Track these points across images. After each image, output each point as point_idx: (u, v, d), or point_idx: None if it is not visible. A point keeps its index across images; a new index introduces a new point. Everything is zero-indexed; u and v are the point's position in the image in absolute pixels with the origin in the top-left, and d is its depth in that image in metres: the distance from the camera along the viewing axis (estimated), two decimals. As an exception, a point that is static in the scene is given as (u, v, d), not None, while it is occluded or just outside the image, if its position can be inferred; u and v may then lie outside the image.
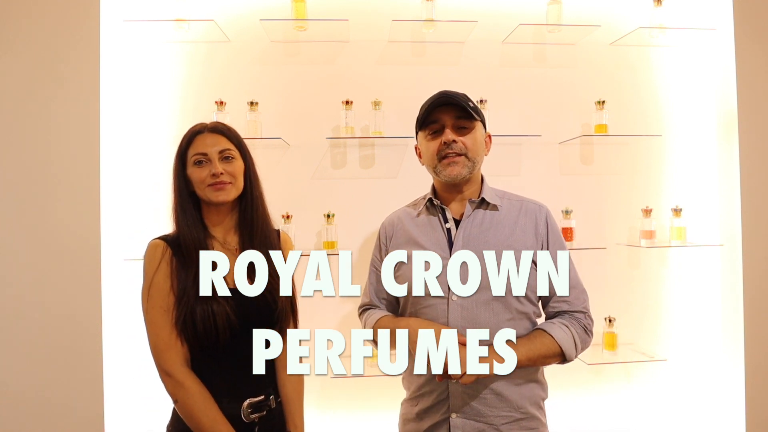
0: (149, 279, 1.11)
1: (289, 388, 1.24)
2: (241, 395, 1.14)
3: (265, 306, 1.17)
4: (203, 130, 1.18)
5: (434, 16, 1.96)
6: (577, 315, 1.18)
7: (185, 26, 1.93)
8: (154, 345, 1.09)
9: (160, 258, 1.12)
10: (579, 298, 1.19)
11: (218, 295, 1.08)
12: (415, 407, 1.24)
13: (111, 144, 1.87)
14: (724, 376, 2.11)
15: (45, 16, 1.77)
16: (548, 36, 2.10)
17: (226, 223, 1.21)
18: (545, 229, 1.20)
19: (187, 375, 1.09)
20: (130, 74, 1.98)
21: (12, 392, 1.76)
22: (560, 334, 1.13)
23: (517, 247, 1.14)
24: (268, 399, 1.17)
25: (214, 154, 1.15)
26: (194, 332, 1.08)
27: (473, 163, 1.19)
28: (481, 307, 1.13)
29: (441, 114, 1.20)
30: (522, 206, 1.23)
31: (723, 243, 2.10)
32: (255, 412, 1.14)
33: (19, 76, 1.77)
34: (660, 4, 2.01)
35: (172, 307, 1.09)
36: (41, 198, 1.77)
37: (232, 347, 1.12)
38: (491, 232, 1.19)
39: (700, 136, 2.17)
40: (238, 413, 1.12)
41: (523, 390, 1.17)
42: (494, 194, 1.25)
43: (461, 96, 1.21)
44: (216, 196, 1.15)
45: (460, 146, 1.18)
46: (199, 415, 1.07)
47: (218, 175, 1.14)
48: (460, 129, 1.20)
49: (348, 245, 2.05)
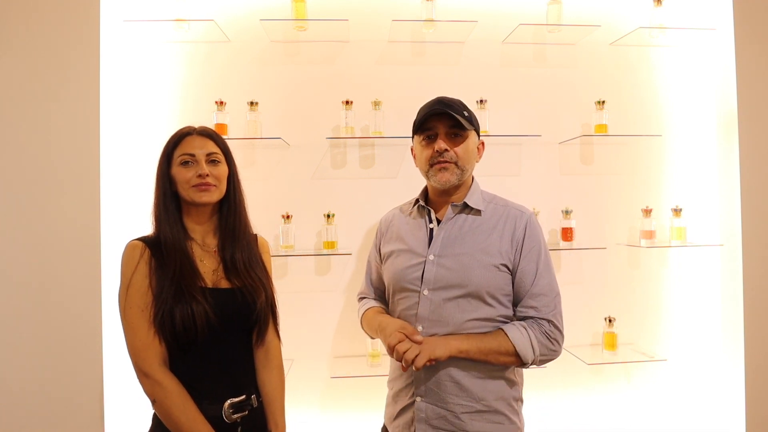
0: (127, 279, 1.10)
1: (269, 387, 1.24)
2: (221, 395, 1.14)
3: (244, 306, 1.18)
4: (192, 132, 1.21)
5: (434, 16, 1.96)
6: (540, 321, 1.19)
7: (185, 26, 1.93)
8: (131, 345, 1.09)
9: (138, 258, 1.12)
10: (548, 305, 1.20)
11: (197, 295, 1.10)
12: (391, 390, 1.35)
13: (111, 144, 1.87)
14: (724, 376, 2.11)
15: (45, 16, 1.77)
16: (548, 36, 2.10)
17: (206, 225, 1.23)
18: (522, 235, 1.22)
19: (165, 375, 1.08)
20: (130, 74, 1.98)
21: (12, 392, 1.76)
22: (516, 333, 1.17)
23: (490, 251, 1.20)
24: (249, 399, 1.17)
25: (202, 156, 1.17)
26: (173, 331, 1.08)
27: (462, 171, 1.24)
28: (448, 303, 1.20)
29: (436, 122, 1.24)
30: (505, 212, 1.26)
31: (723, 243, 2.10)
32: (237, 412, 1.14)
33: (20, 76, 1.77)
34: (660, 4, 2.01)
35: (150, 306, 1.09)
36: (41, 198, 1.77)
37: (212, 347, 1.13)
38: (469, 236, 1.23)
39: (700, 136, 2.17)
40: (220, 414, 1.12)
41: (487, 384, 1.21)
42: (481, 199, 1.28)
43: (457, 105, 1.25)
44: (200, 197, 1.16)
45: (452, 155, 1.23)
46: (177, 415, 1.07)
47: (204, 176, 1.16)
48: (454, 137, 1.24)
49: (348, 245, 2.05)
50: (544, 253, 1.23)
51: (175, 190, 1.18)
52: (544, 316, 1.19)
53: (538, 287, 1.20)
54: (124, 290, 1.10)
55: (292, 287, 2.02)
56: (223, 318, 1.13)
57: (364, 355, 2.05)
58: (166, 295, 1.08)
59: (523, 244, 1.22)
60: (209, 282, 1.16)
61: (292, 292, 2.02)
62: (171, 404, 1.07)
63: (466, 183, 1.30)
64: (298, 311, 2.03)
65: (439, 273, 1.21)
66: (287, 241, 1.96)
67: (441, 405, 1.20)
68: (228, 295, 1.17)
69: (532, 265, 1.21)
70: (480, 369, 1.20)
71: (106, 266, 1.81)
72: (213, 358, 1.14)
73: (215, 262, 1.20)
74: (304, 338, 2.03)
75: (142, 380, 1.08)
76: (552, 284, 1.23)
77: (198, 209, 1.20)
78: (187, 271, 1.12)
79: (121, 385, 1.90)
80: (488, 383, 1.21)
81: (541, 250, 1.23)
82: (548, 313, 1.19)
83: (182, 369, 1.11)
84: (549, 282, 1.22)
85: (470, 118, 1.25)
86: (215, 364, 1.14)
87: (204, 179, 1.16)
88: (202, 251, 1.20)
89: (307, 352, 2.05)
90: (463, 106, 1.27)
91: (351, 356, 2.07)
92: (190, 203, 1.18)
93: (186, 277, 1.11)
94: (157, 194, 1.19)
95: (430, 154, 1.24)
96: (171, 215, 1.17)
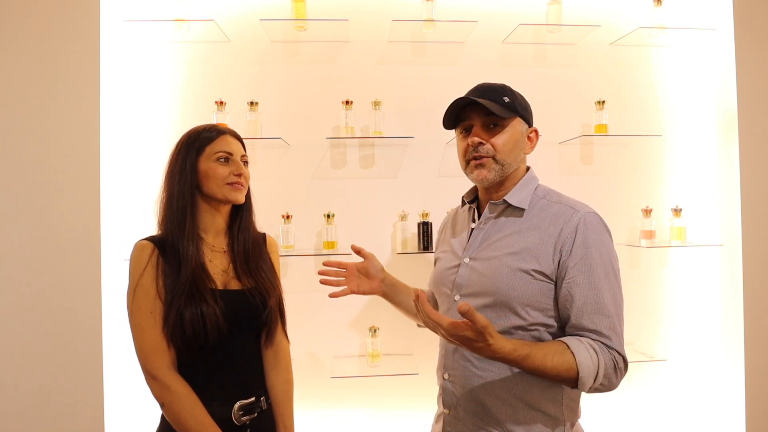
0: (135, 281, 1.09)
1: (278, 388, 1.23)
2: (231, 397, 1.13)
3: (254, 307, 1.17)
4: (227, 132, 1.21)
5: (434, 16, 1.96)
6: (613, 352, 0.98)
7: (185, 26, 1.93)
8: (139, 348, 1.07)
9: (146, 259, 1.10)
10: (612, 330, 0.99)
11: (207, 297, 1.09)
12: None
13: (111, 144, 1.87)
14: (724, 376, 2.11)
15: (45, 16, 1.77)
16: (548, 36, 2.10)
17: (217, 225, 1.22)
18: (571, 239, 1.00)
19: (173, 378, 1.07)
20: (130, 74, 1.98)
21: (12, 392, 1.76)
22: (584, 355, 0.94)
23: (522, 255, 1.02)
24: (258, 400, 1.17)
25: (238, 156, 1.20)
26: (182, 334, 1.07)
27: (502, 166, 1.08)
28: (478, 310, 1.02)
29: (471, 112, 1.09)
30: (554, 210, 1.06)
31: (723, 243, 2.10)
32: (246, 414, 1.13)
33: (20, 76, 1.77)
34: (660, 4, 2.01)
35: (159, 309, 1.08)
36: (41, 198, 1.77)
37: (221, 349, 1.12)
38: (506, 238, 1.07)
39: (700, 136, 2.17)
40: (229, 416, 1.11)
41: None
42: (529, 196, 1.11)
43: (495, 90, 1.09)
44: (234, 196, 1.17)
45: (488, 148, 1.07)
46: (186, 419, 1.05)
47: (241, 175, 1.18)
48: (493, 127, 1.08)
49: (348, 245, 2.04)
50: (603, 263, 1.00)
51: (198, 185, 1.16)
52: (612, 347, 0.98)
53: (596, 305, 0.98)
54: (132, 291, 1.09)
55: (292, 287, 2.02)
56: (234, 320, 1.12)
57: (364, 355, 2.05)
58: (175, 298, 1.07)
59: (572, 249, 1.00)
60: (219, 283, 1.15)
61: (292, 292, 2.00)
62: (180, 408, 1.06)
63: (512, 178, 1.12)
64: (298, 311, 2.03)
65: (471, 278, 1.08)
66: (287, 241, 1.96)
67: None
68: (239, 296, 1.16)
69: (583, 276, 0.98)
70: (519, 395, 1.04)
71: (106, 266, 1.81)
72: (223, 360, 1.13)
73: (225, 262, 1.19)
74: (304, 338, 2.03)
75: (150, 383, 1.07)
76: (615, 303, 1.01)
77: (219, 208, 1.20)
78: (197, 272, 1.11)
79: (122, 386, 1.90)
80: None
81: (598, 257, 1.00)
82: (617, 344, 0.99)
83: (191, 371, 1.10)
84: (610, 300, 1.00)
85: (512, 104, 1.08)
86: (225, 365, 1.13)
87: (239, 178, 1.17)
88: (212, 252, 1.19)
89: (307, 352, 2.06)
90: (505, 92, 1.09)
91: (351, 356, 2.07)
92: (220, 200, 1.17)
93: (196, 278, 1.10)
94: (168, 191, 1.16)
95: (465, 148, 1.10)
96: (182, 213, 1.14)
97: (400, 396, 2.06)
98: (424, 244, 1.99)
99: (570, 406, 1.07)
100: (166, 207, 1.16)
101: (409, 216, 2.04)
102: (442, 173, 2.09)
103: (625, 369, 0.99)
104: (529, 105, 1.15)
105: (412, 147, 2.08)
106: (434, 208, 2.01)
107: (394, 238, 2.09)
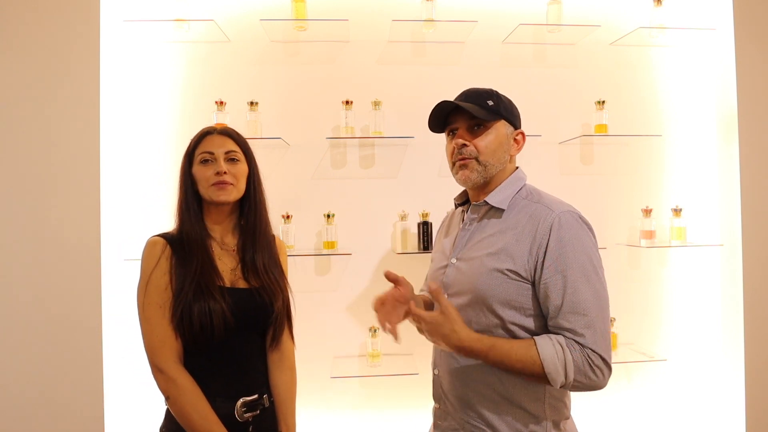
0: (147, 275, 1.12)
1: (282, 388, 1.24)
2: (234, 394, 1.14)
3: (261, 306, 1.18)
4: (212, 131, 1.22)
5: (434, 16, 1.96)
6: (586, 350, 0.96)
7: (185, 26, 1.93)
8: (148, 341, 1.10)
9: (159, 255, 1.13)
10: (588, 328, 0.96)
11: (215, 293, 1.11)
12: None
13: (111, 144, 1.87)
14: (724, 376, 2.11)
15: (45, 16, 1.77)
16: (548, 36, 2.10)
17: (225, 224, 1.23)
18: (546, 239, 1.01)
19: (179, 372, 1.09)
20: (130, 74, 1.98)
21: (12, 392, 1.76)
22: (548, 349, 0.96)
23: (498, 255, 1.05)
24: (261, 398, 1.18)
25: (220, 154, 1.18)
26: (190, 329, 1.09)
27: (485, 167, 1.11)
28: (461, 310, 1.06)
29: (457, 115, 1.14)
30: (531, 210, 1.08)
31: (723, 243, 2.10)
32: (249, 411, 1.15)
33: (19, 75, 1.77)
34: (660, 4, 2.01)
35: (169, 303, 1.10)
36: (41, 198, 1.77)
37: (226, 346, 1.13)
38: (486, 240, 1.10)
39: (700, 136, 2.17)
40: (232, 412, 1.13)
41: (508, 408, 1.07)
42: (510, 196, 1.12)
43: (478, 95, 1.13)
44: (218, 196, 1.17)
45: (471, 150, 1.10)
46: (190, 412, 1.07)
47: (222, 173, 1.16)
48: (476, 129, 1.12)
49: (348, 245, 2.05)
50: (579, 261, 0.99)
51: (197, 189, 1.20)
52: (586, 344, 0.96)
53: (572, 304, 0.97)
54: (143, 286, 1.11)
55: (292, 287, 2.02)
56: (240, 317, 1.14)
57: (364, 355, 2.05)
58: (185, 293, 1.09)
59: (546, 249, 1.00)
60: (227, 281, 1.17)
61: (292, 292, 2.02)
62: (185, 401, 1.08)
63: (497, 179, 1.14)
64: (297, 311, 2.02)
65: (456, 277, 1.12)
66: (287, 241, 1.96)
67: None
68: (245, 294, 1.17)
69: (558, 276, 0.98)
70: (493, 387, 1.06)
71: (106, 267, 1.81)
72: (228, 357, 1.14)
73: (233, 261, 1.21)
74: (304, 338, 2.03)
75: (156, 376, 1.09)
76: (593, 301, 0.98)
77: (217, 208, 1.21)
78: (206, 269, 1.13)
79: (121, 385, 1.90)
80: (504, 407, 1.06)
81: (573, 256, 0.99)
82: (591, 342, 0.95)
83: (197, 366, 1.12)
84: (587, 298, 0.97)
85: (496, 107, 1.11)
86: (230, 362, 1.15)
87: (221, 177, 1.16)
88: (221, 250, 1.20)
89: (307, 352, 2.05)
90: (490, 96, 1.13)
91: (351, 356, 2.07)
92: (210, 202, 1.19)
93: (205, 275, 1.12)
94: (180, 193, 1.21)
95: (452, 151, 1.14)
96: (193, 213, 1.19)
97: (400, 396, 2.06)
98: (424, 244, 1.99)
99: (553, 405, 1.07)
100: (180, 206, 1.21)
101: (409, 216, 2.04)
102: (442, 173, 2.09)
103: (606, 366, 0.97)
104: (516, 109, 1.18)
105: (412, 147, 2.08)
106: (434, 208, 2.00)
107: (394, 238, 2.09)
